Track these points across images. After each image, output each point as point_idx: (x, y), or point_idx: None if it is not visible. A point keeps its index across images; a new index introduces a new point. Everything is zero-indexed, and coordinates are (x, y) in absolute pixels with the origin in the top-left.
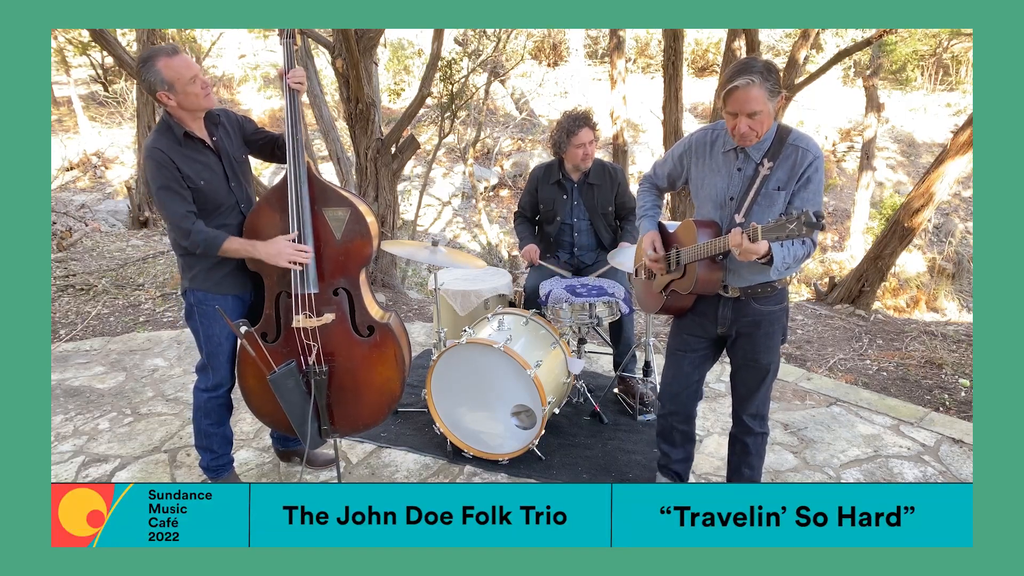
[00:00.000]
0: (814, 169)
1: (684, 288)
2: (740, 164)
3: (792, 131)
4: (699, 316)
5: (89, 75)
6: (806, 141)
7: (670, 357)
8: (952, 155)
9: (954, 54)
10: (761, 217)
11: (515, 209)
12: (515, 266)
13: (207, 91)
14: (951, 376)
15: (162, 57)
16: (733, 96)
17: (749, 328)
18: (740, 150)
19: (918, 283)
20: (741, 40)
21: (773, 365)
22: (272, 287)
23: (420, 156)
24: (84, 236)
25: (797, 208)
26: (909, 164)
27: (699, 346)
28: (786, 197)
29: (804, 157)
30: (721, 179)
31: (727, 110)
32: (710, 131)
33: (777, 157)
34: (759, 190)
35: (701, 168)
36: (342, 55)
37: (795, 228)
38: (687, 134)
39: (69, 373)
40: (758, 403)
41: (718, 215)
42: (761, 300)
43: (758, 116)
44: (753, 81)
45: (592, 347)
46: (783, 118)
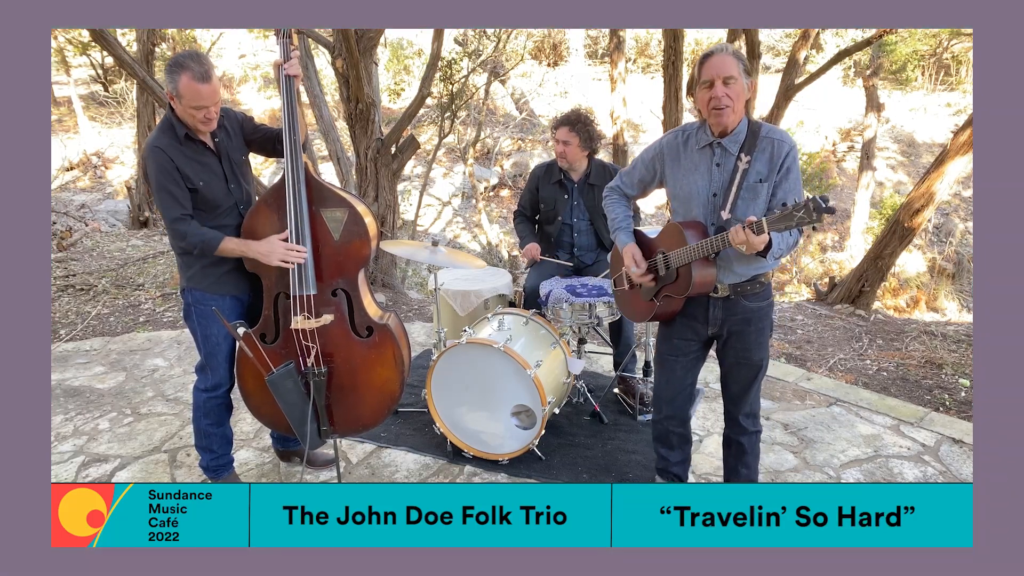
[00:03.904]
0: (792, 159)
1: (679, 292)
2: (719, 159)
3: (763, 124)
4: (689, 319)
5: (89, 75)
6: (779, 133)
7: (662, 363)
8: (952, 155)
9: (954, 54)
10: (745, 211)
11: (515, 209)
12: (515, 266)
13: (208, 124)
14: (951, 376)
15: (188, 74)
16: (708, 62)
17: (740, 326)
18: (717, 144)
19: (918, 283)
20: (741, 40)
21: (765, 361)
22: (271, 288)
23: (420, 156)
24: (84, 236)
25: (781, 198)
26: (909, 164)
27: (690, 349)
28: (769, 188)
29: (780, 148)
30: (701, 177)
31: (703, 80)
32: (680, 132)
33: (753, 150)
34: (741, 184)
35: (677, 169)
36: (342, 55)
37: (804, 215)
38: (655, 140)
39: (69, 373)
40: (752, 401)
41: (702, 213)
42: (750, 297)
43: (733, 84)
44: (727, 50)
45: (592, 347)
46: (783, 118)
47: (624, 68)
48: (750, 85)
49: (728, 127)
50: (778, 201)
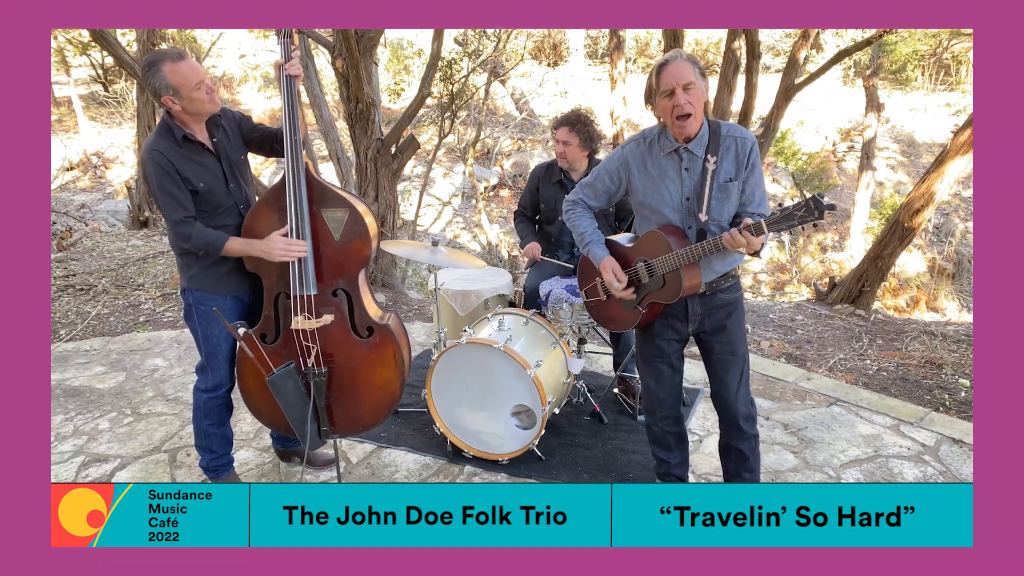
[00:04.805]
0: (755, 154)
1: (668, 298)
2: (687, 164)
3: (721, 123)
4: (670, 319)
5: (89, 75)
6: (739, 130)
7: (647, 365)
8: (952, 155)
9: (954, 54)
10: (720, 211)
11: (515, 209)
12: (515, 266)
13: (212, 96)
14: (951, 376)
15: (167, 62)
16: (666, 70)
17: (722, 320)
18: (684, 150)
19: (918, 283)
20: (741, 40)
21: (747, 353)
22: (271, 288)
23: (420, 156)
24: (84, 236)
25: (749, 193)
26: (909, 164)
27: (672, 349)
28: (739, 186)
29: (744, 145)
30: (672, 182)
31: (662, 89)
32: (641, 140)
33: (718, 151)
34: (712, 185)
35: (644, 177)
36: (342, 55)
37: (804, 214)
38: (616, 149)
39: (69, 373)
40: (746, 400)
41: (678, 218)
42: (724, 291)
43: (692, 89)
44: (681, 56)
45: (592, 347)
46: (783, 118)
47: (624, 68)
48: (706, 87)
49: (691, 133)
50: (747, 196)
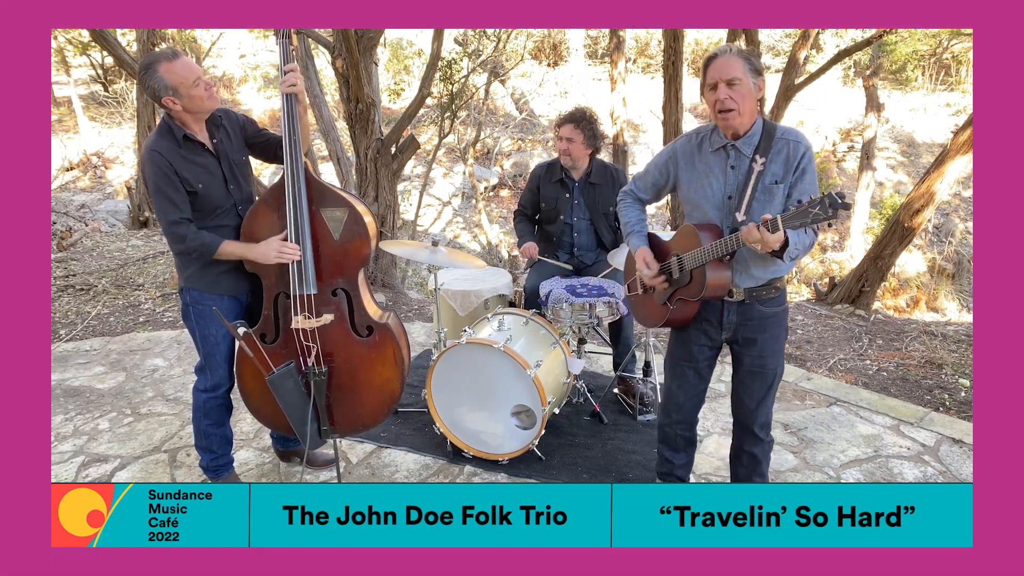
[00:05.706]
0: (808, 160)
1: (693, 294)
2: (733, 162)
3: (778, 126)
4: (703, 324)
5: (89, 75)
6: (795, 134)
7: (673, 368)
8: (952, 155)
9: (954, 54)
10: (760, 213)
11: (515, 208)
12: (515, 266)
13: (211, 92)
14: (951, 376)
15: (163, 62)
16: (712, 65)
17: (755, 333)
18: (731, 147)
19: (918, 283)
20: (741, 40)
21: (780, 370)
22: (271, 288)
23: (420, 156)
24: (84, 236)
25: (796, 199)
26: (909, 164)
27: (704, 355)
28: (784, 190)
29: (796, 149)
30: (716, 179)
31: (707, 83)
32: (694, 136)
33: (768, 152)
34: (756, 186)
35: (691, 173)
36: (342, 55)
37: (820, 212)
38: (669, 144)
39: (69, 373)
40: (767, 411)
41: (718, 216)
42: (765, 302)
43: (737, 86)
44: (731, 51)
45: (592, 347)
46: (783, 118)
47: (624, 68)
48: (760, 84)
49: (737, 129)
50: (794, 201)
